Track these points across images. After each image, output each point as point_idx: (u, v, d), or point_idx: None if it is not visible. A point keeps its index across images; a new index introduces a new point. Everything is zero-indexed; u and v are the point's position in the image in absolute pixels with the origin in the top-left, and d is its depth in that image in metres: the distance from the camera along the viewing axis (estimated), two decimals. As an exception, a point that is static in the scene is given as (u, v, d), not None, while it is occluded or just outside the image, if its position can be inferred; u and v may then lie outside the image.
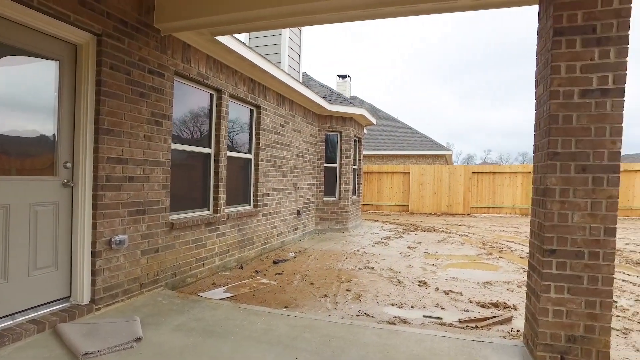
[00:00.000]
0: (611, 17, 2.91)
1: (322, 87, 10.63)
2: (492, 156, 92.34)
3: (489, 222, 14.24)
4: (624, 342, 3.70)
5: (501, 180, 16.56)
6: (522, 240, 9.97)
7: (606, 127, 2.95)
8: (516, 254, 8.04)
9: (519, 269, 6.64)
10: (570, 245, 2.99)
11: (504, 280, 5.86)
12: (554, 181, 3.03)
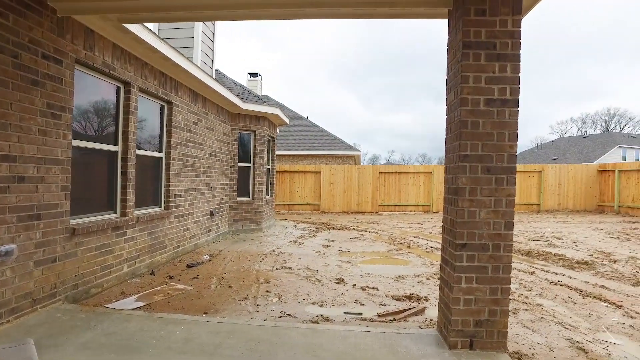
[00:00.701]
0: (507, 37, 3.28)
1: (235, 84, 10.37)
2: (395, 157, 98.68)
3: (395, 219, 15.16)
4: (514, 320, 4.19)
5: (406, 180, 17.74)
6: (426, 235, 10.78)
7: (506, 133, 3.31)
8: (422, 248, 8.67)
9: (427, 262, 7.17)
10: (478, 239, 3.30)
11: (415, 273, 6.28)
12: (464, 181, 3.32)
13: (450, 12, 3.67)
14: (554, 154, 48.88)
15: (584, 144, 49.77)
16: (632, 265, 6.97)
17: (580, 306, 4.80)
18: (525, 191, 17.57)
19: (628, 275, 6.25)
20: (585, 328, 4.08)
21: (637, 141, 50.60)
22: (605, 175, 17.21)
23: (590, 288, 5.57)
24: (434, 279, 5.94)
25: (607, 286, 5.71)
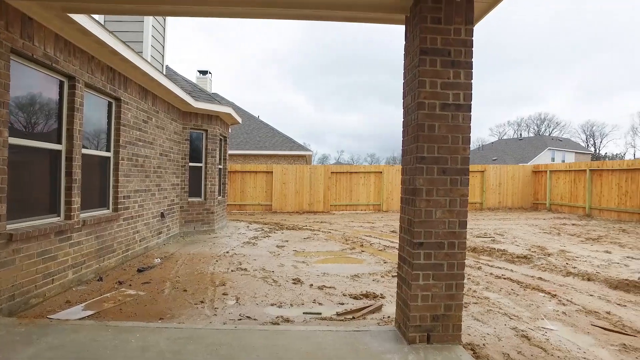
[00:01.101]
0: (460, 46, 3.45)
1: (186, 82, 10.05)
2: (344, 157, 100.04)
3: (347, 218, 15.41)
4: (465, 313, 4.42)
5: (357, 180, 18.07)
6: (378, 234, 11.05)
7: (459, 136, 3.48)
8: (375, 247, 8.88)
9: (380, 261, 7.36)
10: (434, 238, 3.45)
11: (369, 272, 6.43)
12: (421, 182, 3.45)
13: (407, 19, 3.80)
14: (493, 155, 51.93)
15: (520, 146, 53.36)
16: (562, 258, 7.59)
17: (521, 297, 5.15)
18: (469, 190, 18.49)
19: (560, 267, 6.80)
20: (526, 317, 4.40)
21: (563, 144, 55.08)
22: (539, 175, 18.56)
23: (530, 280, 5.99)
24: (388, 277, 6.12)
25: (543, 278, 6.17)
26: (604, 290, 5.60)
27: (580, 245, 9.09)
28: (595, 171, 15.31)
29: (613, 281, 5.92)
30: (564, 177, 16.86)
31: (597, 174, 15.21)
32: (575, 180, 16.26)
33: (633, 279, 6.00)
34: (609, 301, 5.07)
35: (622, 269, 6.78)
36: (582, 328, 4.13)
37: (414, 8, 3.54)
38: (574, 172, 16.34)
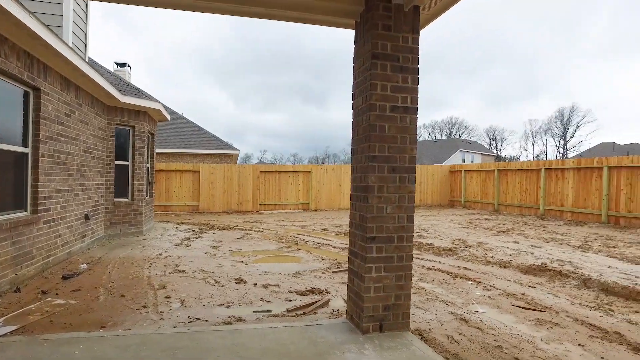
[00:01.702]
0: (408, 53, 3.70)
1: (110, 74, 9.35)
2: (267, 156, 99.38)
3: (277, 218, 15.41)
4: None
5: (286, 179, 18.14)
6: (310, 232, 11.22)
7: (407, 137, 3.73)
8: (310, 245, 9.03)
9: (318, 258, 7.52)
10: (385, 232, 3.66)
11: (310, 269, 6.55)
12: (373, 180, 3.64)
13: (357, 24, 3.97)
14: (410, 156, 55.01)
15: (435, 148, 57.33)
16: (481, 249, 8.37)
17: (452, 286, 5.62)
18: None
19: (480, 257, 7.51)
20: (459, 303, 4.82)
21: (472, 146, 60.37)
22: (455, 174, 20.16)
23: (457, 270, 6.54)
24: (329, 273, 6.29)
25: (467, 267, 6.78)
26: (518, 275, 6.31)
27: (494, 238, 10.08)
28: (502, 171, 17.03)
29: (524, 267, 6.68)
30: (477, 177, 18.51)
31: (504, 174, 16.94)
32: (485, 180, 17.94)
33: (538, 264, 6.82)
34: (522, 284, 5.73)
35: (529, 256, 7.66)
36: (505, 308, 4.63)
37: (365, 14, 3.72)
38: (484, 172, 18.01)
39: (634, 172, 11.95)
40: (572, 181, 13.84)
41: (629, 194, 12.04)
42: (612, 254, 7.94)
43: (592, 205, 13.07)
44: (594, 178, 13.07)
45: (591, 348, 3.58)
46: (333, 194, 18.65)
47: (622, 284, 5.55)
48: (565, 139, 72.38)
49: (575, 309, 4.65)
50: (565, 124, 72.34)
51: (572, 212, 13.70)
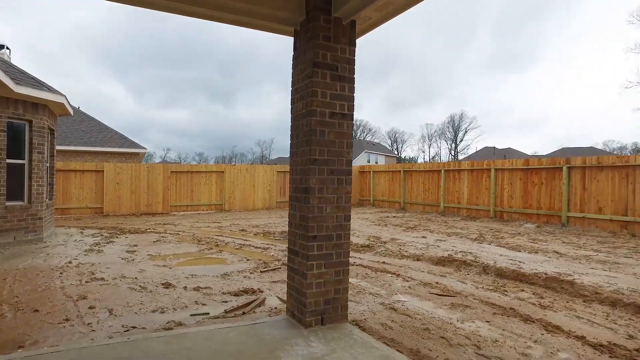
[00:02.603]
0: (346, 63, 3.98)
1: (1, 61, 8.24)
2: (171, 155, 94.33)
3: (191, 219, 14.88)
4: (338, 299, 5.02)
5: (198, 179, 17.55)
6: (229, 233, 11.09)
7: (344, 141, 4.01)
8: (232, 246, 8.96)
9: (243, 258, 7.52)
10: (325, 231, 3.89)
11: (237, 270, 6.55)
12: (314, 181, 3.85)
13: (296, 32, 4.15)
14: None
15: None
16: (395, 244, 9.09)
17: (375, 279, 6.08)
18: (306, 188, 19.98)
19: (395, 252, 8.17)
20: (385, 294, 5.26)
21: (376, 147, 64.04)
22: (364, 174, 21.30)
23: (377, 265, 7.06)
24: (257, 273, 6.36)
25: (386, 262, 7.35)
26: (430, 266, 7.02)
27: (404, 233, 10.98)
28: (407, 172, 18.46)
29: (434, 259, 7.45)
30: (384, 177, 19.79)
31: (409, 174, 18.37)
32: (392, 180, 19.28)
33: (445, 255, 7.65)
34: (435, 274, 6.42)
35: (437, 249, 8.53)
36: (424, 296, 5.18)
37: (306, 24, 3.91)
38: (391, 172, 19.34)
39: (513, 173, 13.85)
40: (467, 181, 15.55)
41: (510, 192, 13.92)
42: (501, 244, 9.19)
43: (483, 202, 14.85)
44: (484, 178, 14.86)
45: (495, 323, 4.21)
46: (247, 194, 18.52)
47: (511, 268, 6.51)
48: (456, 142, 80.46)
49: (479, 292, 5.37)
50: (455, 129, 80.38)
51: (467, 208, 15.41)
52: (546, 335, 3.88)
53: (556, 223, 12.29)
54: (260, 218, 15.01)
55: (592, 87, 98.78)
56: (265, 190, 18.94)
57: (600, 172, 11.38)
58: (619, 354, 3.50)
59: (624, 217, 10.78)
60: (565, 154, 49.30)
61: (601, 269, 6.65)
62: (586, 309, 4.72)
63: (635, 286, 5.60)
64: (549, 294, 5.28)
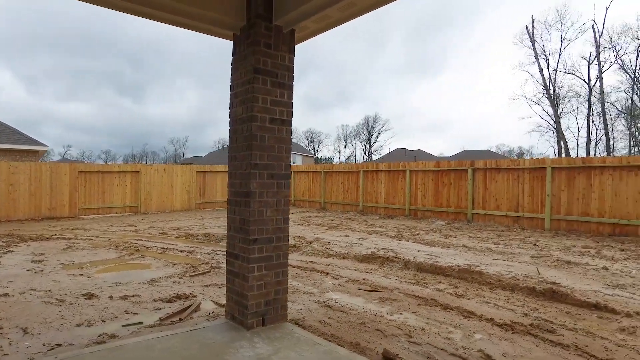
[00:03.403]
0: (285, 70, 4.11)
1: None
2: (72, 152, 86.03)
3: (103, 223, 13.82)
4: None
5: (111, 180, 16.34)
6: (148, 237, 10.54)
7: (283, 146, 4.14)
8: (154, 250, 8.57)
9: (168, 263, 7.26)
10: (266, 234, 3.98)
11: (165, 275, 6.33)
12: (255, 185, 3.92)
13: (236, 37, 4.18)
14: (239, 156, 55.63)
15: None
16: (320, 244, 9.40)
17: (306, 278, 6.28)
18: (216, 189, 19.60)
19: (322, 251, 8.46)
20: (317, 292, 5.49)
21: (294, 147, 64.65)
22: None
23: (305, 264, 7.27)
24: (187, 277, 6.21)
25: (314, 261, 7.60)
26: (355, 264, 7.41)
27: (327, 233, 11.36)
28: (327, 172, 19.02)
29: (359, 257, 7.87)
30: (305, 177, 20.17)
31: (329, 175, 18.95)
32: (313, 180, 19.73)
33: (369, 253, 8.13)
34: (361, 271, 6.81)
35: (360, 247, 9.00)
36: (354, 292, 5.50)
37: (247, 30, 3.96)
38: (312, 173, 19.78)
39: (426, 174, 15.03)
40: (384, 182, 16.50)
41: (423, 192, 15.09)
42: (418, 240, 9.98)
43: (399, 201, 15.87)
44: (400, 179, 15.90)
45: (420, 313, 4.64)
46: (165, 195, 17.68)
47: (429, 262, 7.14)
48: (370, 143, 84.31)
49: (403, 286, 5.83)
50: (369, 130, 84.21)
51: (384, 207, 16.35)
52: (463, 320, 4.39)
53: (463, 220, 13.61)
54: (180, 220, 14.45)
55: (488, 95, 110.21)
56: (185, 191, 18.23)
57: (498, 174, 12.86)
58: (518, 329, 4.09)
59: (516, 213, 12.31)
60: (467, 155, 54.30)
61: (501, 259, 7.59)
62: (492, 294, 5.39)
63: (527, 272, 6.50)
64: (462, 284, 5.91)
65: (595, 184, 10.75)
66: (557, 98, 37.84)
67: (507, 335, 3.95)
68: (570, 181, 11.22)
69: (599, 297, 5.15)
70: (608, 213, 10.52)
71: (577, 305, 4.89)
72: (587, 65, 38.80)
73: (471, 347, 3.63)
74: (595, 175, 10.77)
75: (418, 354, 3.48)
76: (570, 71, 40.69)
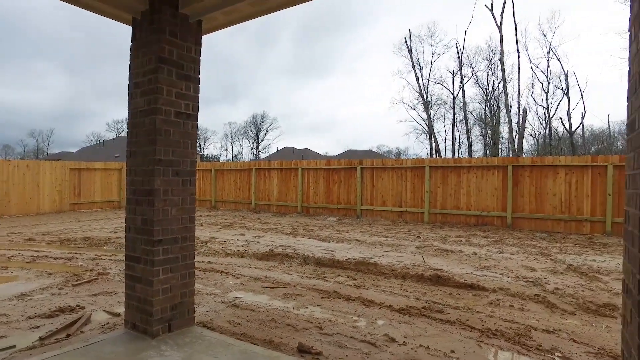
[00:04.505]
0: (192, 62, 3.92)
1: None
2: None
3: (-58, 230, 11.41)
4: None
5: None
6: (9, 245, 9.03)
7: (189, 142, 3.94)
8: (20, 260, 7.39)
9: (42, 273, 6.34)
10: (171, 234, 3.75)
11: (40, 287, 5.52)
12: (159, 183, 3.66)
13: (136, 21, 3.84)
14: (115, 152, 50.77)
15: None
16: (216, 243, 9.13)
17: (206, 279, 6.06)
18: (107, 188, 17.81)
19: (219, 251, 8.22)
20: (220, 293, 5.34)
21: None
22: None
23: (203, 265, 7.00)
24: (69, 287, 5.51)
25: (211, 261, 7.35)
26: (255, 262, 7.37)
27: (222, 232, 11.07)
28: (218, 170, 18.47)
29: (258, 254, 7.84)
30: (227, 175, 19.27)
31: (220, 173, 18.43)
32: (203, 178, 18.97)
33: (267, 250, 8.15)
34: (261, 269, 6.80)
35: (257, 245, 8.97)
36: (258, 290, 5.48)
37: (151, 15, 3.68)
38: (202, 170, 19.00)
39: (317, 172, 15.56)
40: (276, 180, 16.63)
41: (315, 189, 15.60)
42: (313, 236, 10.30)
43: (291, 199, 16.15)
44: (292, 177, 16.19)
45: (325, 305, 4.83)
46: (29, 195, 15.31)
47: (327, 257, 7.45)
48: (258, 141, 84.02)
49: (305, 281, 5.99)
50: (257, 128, 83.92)
51: (277, 205, 16.48)
52: (365, 309, 4.69)
53: (353, 215, 14.43)
54: (52, 224, 12.67)
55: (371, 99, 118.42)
56: (55, 190, 16.00)
57: (384, 172, 13.93)
58: (413, 313, 4.53)
59: (400, 208, 13.49)
60: (351, 155, 57.56)
61: (391, 250, 8.26)
62: (387, 283, 5.86)
63: (415, 261, 7.21)
64: (359, 276, 6.29)
65: (464, 181, 12.36)
66: (430, 104, 42.36)
67: (405, 319, 4.34)
68: (445, 179, 12.72)
69: (472, 279, 5.96)
70: (474, 206, 12.19)
71: (457, 286, 5.59)
72: (451, 78, 44.27)
73: (377, 333, 3.91)
74: (463, 173, 12.38)
75: (331, 344, 3.63)
76: (439, 82, 46.03)
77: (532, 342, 3.74)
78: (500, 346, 3.64)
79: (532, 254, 8.02)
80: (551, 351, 3.59)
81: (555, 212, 11.01)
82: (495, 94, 42.92)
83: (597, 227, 10.50)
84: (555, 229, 10.99)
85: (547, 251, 8.30)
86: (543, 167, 11.24)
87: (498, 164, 11.95)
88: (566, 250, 8.38)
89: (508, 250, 8.41)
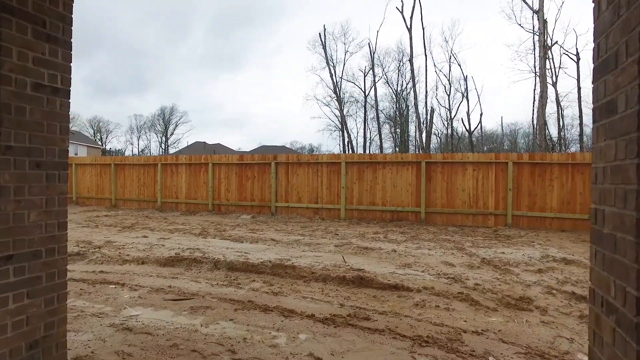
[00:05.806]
0: (58, 20, 3.00)
1: None
2: None
3: None
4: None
5: None
6: None
7: (57, 125, 3.02)
8: None
9: None
10: (28, 247, 2.82)
11: None
12: (7, 178, 2.71)
13: (-29, -43, 2.80)
14: None
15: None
16: (113, 248, 7.89)
17: (95, 294, 5.02)
18: None
19: (115, 257, 7.06)
20: (111, 311, 4.39)
21: (76, 137, 55.15)
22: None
23: (93, 276, 5.88)
24: None
25: (104, 270, 6.24)
26: (158, 269, 6.41)
27: (121, 234, 9.72)
28: (119, 165, 16.55)
29: (161, 260, 6.86)
30: (90, 171, 17.08)
31: (121, 168, 16.53)
32: (101, 174, 16.87)
33: (173, 255, 7.20)
34: (165, 277, 5.89)
35: (161, 248, 7.93)
36: (159, 305, 4.63)
37: (-8, -51, 2.69)
38: (99, 165, 16.90)
39: (229, 168, 14.63)
40: (185, 176, 15.33)
41: (227, 186, 14.65)
42: (224, 236, 9.48)
43: (201, 196, 14.99)
44: (202, 173, 15.03)
45: (239, 319, 4.17)
46: None
47: (240, 260, 6.74)
48: (167, 135, 79.05)
49: (215, 290, 5.25)
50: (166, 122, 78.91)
51: (186, 203, 15.20)
52: (285, 321, 4.12)
53: (267, 213, 13.78)
54: None
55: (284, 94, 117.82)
56: None
57: (299, 167, 13.48)
58: (338, 322, 4.08)
59: (316, 205, 13.16)
60: (264, 150, 56.52)
61: (309, 250, 7.80)
62: (307, 288, 5.35)
63: (334, 261, 6.82)
64: (276, 280, 5.71)
65: (380, 177, 12.40)
66: (343, 102, 43.10)
67: (330, 331, 3.85)
68: (361, 174, 12.64)
69: (396, 278, 5.72)
70: (389, 202, 12.28)
71: (381, 288, 5.28)
72: (363, 77, 45.54)
73: (300, 352, 3.35)
74: (379, 169, 12.41)
75: (245, 372, 3.00)
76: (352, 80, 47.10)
77: (465, 348, 3.49)
78: (434, 356, 3.32)
79: (448, 248, 8.13)
80: (484, 355, 3.36)
81: (464, 207, 11.50)
82: (404, 94, 45.13)
83: (500, 220, 11.17)
84: (464, 222, 11.49)
85: (461, 245, 8.49)
86: (453, 164, 11.68)
87: (412, 160, 12.17)
88: (478, 244, 8.66)
89: (425, 245, 8.45)
